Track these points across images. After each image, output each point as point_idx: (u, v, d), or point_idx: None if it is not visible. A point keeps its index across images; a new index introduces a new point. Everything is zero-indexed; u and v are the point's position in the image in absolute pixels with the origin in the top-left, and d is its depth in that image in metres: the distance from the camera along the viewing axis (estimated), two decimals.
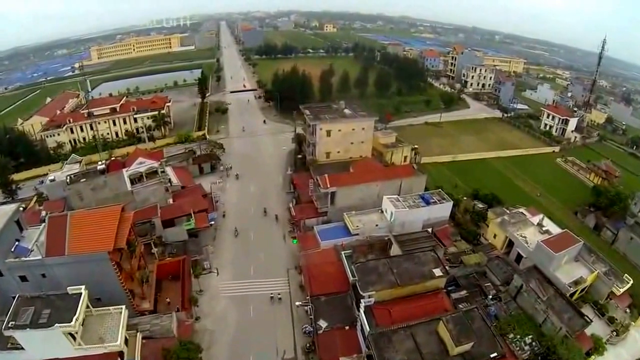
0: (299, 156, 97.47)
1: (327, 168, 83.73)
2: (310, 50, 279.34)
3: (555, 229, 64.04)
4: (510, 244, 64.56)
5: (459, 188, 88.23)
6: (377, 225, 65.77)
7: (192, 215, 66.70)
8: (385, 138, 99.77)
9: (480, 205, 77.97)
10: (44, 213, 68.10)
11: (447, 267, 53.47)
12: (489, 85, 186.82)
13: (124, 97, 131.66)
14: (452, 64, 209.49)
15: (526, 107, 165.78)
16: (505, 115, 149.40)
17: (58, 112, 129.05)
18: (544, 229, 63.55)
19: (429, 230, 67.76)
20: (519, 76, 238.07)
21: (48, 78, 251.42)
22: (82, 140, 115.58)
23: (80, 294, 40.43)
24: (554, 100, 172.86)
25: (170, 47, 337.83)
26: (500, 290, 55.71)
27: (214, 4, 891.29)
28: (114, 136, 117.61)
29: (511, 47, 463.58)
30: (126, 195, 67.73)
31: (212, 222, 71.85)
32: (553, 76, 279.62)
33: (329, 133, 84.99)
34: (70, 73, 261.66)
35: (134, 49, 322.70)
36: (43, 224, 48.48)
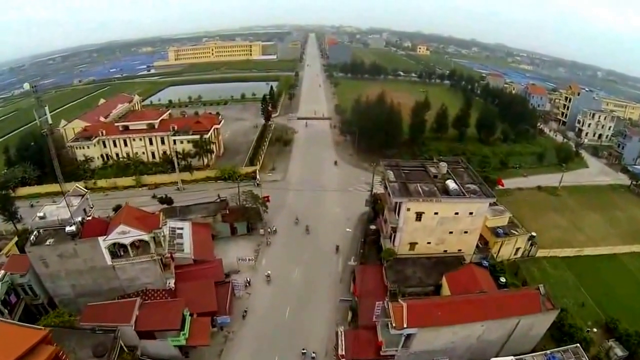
0: (373, 227, 72.45)
1: (409, 266, 58.46)
2: (402, 73, 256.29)
3: None
4: None
5: (586, 308, 58.28)
6: None
7: (188, 320, 44.87)
8: (494, 219, 69.20)
9: (620, 353, 50.40)
10: (1, 273, 50.99)
11: None
12: (607, 136, 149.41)
13: (167, 112, 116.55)
14: (565, 106, 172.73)
15: None
16: (634, 183, 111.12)
17: (102, 118, 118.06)
18: None
19: None
20: (636, 125, 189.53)
21: (123, 75, 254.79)
22: (114, 156, 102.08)
23: None
24: None
25: (251, 54, 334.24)
26: None
27: (307, 15, 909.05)
28: (150, 157, 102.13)
29: (616, 87, 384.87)
30: (105, 270, 48.13)
31: (222, 328, 50.22)
32: None
33: (419, 216, 57.35)
34: (145, 72, 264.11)
35: (212, 53, 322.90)
36: None
